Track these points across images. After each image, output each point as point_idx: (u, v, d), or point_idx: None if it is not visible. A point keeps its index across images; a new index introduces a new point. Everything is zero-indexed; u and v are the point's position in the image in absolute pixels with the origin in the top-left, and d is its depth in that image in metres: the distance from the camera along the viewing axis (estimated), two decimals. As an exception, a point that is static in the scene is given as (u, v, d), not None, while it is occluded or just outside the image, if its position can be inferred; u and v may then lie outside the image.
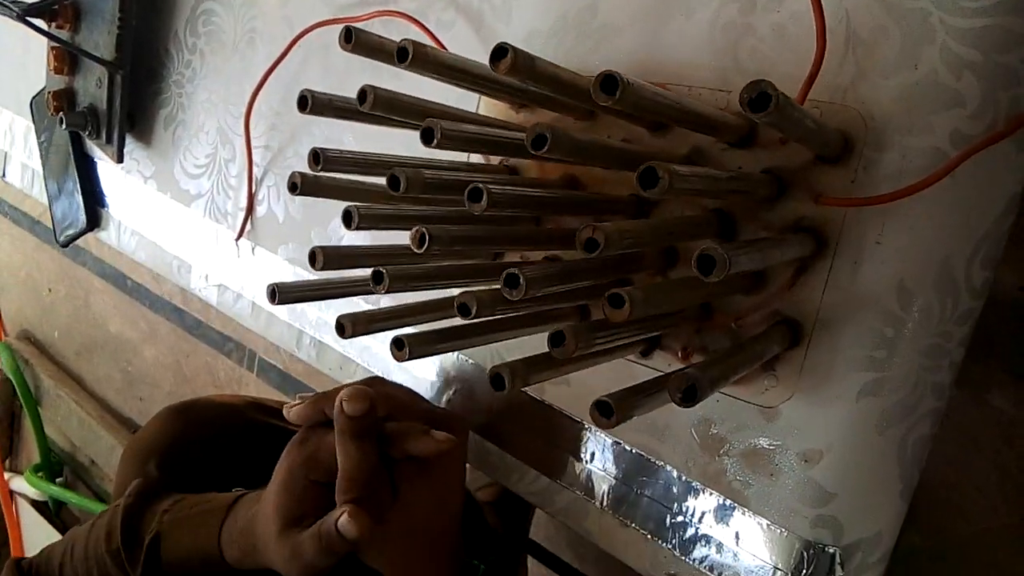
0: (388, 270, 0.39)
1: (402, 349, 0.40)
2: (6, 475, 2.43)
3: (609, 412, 0.32)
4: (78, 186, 0.91)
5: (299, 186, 0.44)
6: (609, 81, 0.30)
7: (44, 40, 0.85)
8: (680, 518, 0.48)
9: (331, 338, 0.67)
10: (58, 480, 2.43)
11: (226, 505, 0.56)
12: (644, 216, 0.46)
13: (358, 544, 0.47)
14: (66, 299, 2.48)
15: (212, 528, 0.55)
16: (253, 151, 0.72)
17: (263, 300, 0.73)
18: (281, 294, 0.46)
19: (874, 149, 0.40)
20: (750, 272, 0.42)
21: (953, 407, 0.89)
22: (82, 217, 0.91)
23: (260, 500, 0.53)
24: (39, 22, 0.80)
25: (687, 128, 0.38)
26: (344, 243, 0.65)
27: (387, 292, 0.39)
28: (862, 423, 0.42)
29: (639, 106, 0.32)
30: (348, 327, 0.43)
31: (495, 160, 0.53)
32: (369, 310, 0.44)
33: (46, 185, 0.98)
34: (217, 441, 0.75)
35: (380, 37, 0.42)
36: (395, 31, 0.61)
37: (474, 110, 0.56)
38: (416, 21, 0.58)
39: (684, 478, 0.48)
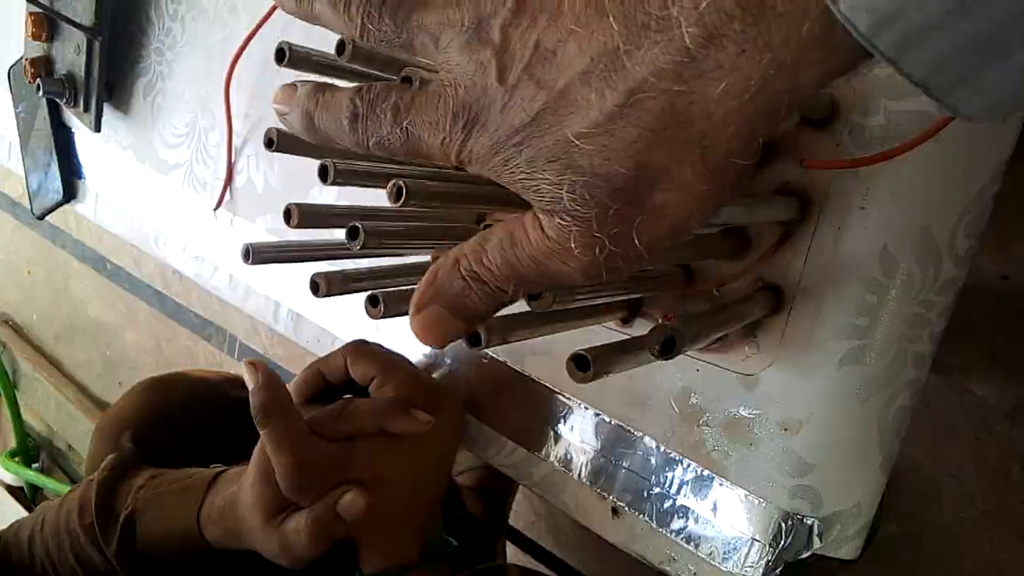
0: (364, 225, 0.38)
1: (376, 306, 0.39)
2: (-19, 460, 2.40)
3: (586, 366, 0.31)
4: (55, 157, 0.89)
5: (275, 142, 0.43)
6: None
7: (23, 10, 0.84)
8: (658, 489, 0.47)
9: (307, 309, 0.66)
10: (34, 465, 2.41)
11: (205, 483, 0.55)
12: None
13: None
14: (45, 282, 2.46)
15: (191, 506, 0.54)
16: (233, 120, 0.71)
17: (241, 272, 0.72)
18: (255, 254, 0.45)
19: (860, 114, 0.40)
20: (733, 235, 0.41)
21: (932, 395, 0.89)
22: (59, 188, 0.90)
23: (239, 482, 0.52)
24: (16, -14, 0.78)
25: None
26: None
27: (362, 249, 0.38)
28: (843, 392, 0.41)
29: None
30: (323, 285, 0.42)
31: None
32: (345, 269, 0.43)
33: (23, 156, 0.96)
34: (193, 415, 0.74)
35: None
36: None
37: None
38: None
39: (663, 449, 0.47)
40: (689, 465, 0.46)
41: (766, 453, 0.43)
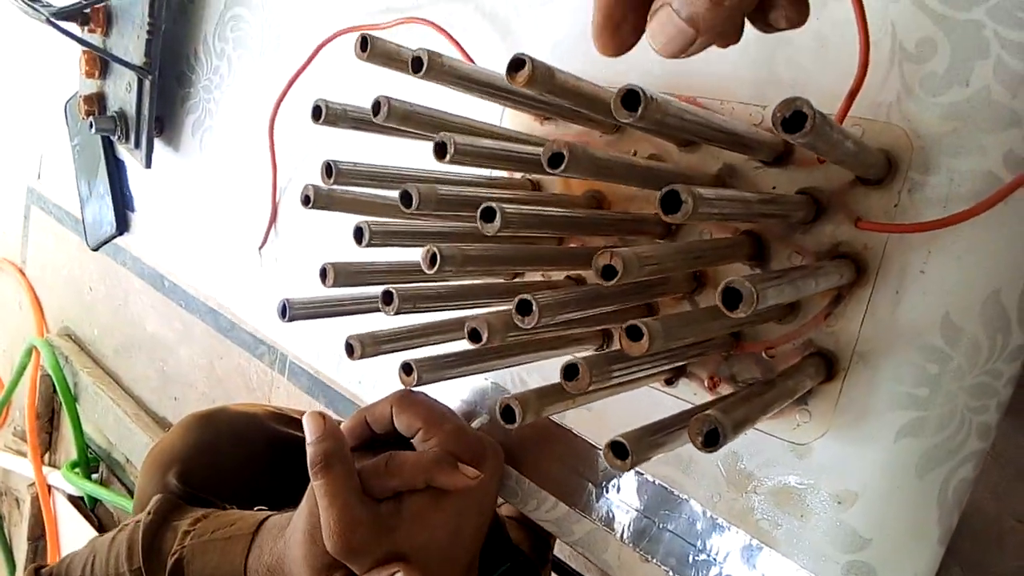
0: (398, 290, 0.37)
1: (410, 374, 0.38)
2: (44, 470, 2.47)
3: (624, 454, 0.29)
4: (108, 190, 0.91)
5: (312, 200, 0.42)
6: (631, 96, 0.28)
7: (79, 47, 0.85)
8: (704, 556, 0.45)
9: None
10: (94, 476, 2.47)
11: (250, 531, 0.55)
12: (672, 236, 0.44)
13: None
14: (106, 298, 2.52)
15: (237, 557, 0.54)
16: (277, 159, 0.71)
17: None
18: (292, 310, 0.44)
19: (920, 171, 0.37)
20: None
21: (997, 437, 0.85)
22: (112, 221, 0.91)
23: (285, 537, 0.52)
24: (71, 26, 0.80)
25: (717, 146, 0.36)
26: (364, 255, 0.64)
27: (397, 313, 0.37)
28: (901, 465, 0.39)
29: (664, 124, 0.30)
30: (357, 348, 0.41)
31: (518, 175, 0.51)
32: (377, 331, 0.42)
33: (78, 188, 0.98)
34: (237, 451, 0.74)
35: (398, 45, 0.41)
36: (419, 38, 0.59)
37: (498, 121, 0.54)
38: (440, 29, 0.56)
39: (709, 514, 0.45)
40: (737, 533, 0.44)
41: (818, 526, 0.41)
